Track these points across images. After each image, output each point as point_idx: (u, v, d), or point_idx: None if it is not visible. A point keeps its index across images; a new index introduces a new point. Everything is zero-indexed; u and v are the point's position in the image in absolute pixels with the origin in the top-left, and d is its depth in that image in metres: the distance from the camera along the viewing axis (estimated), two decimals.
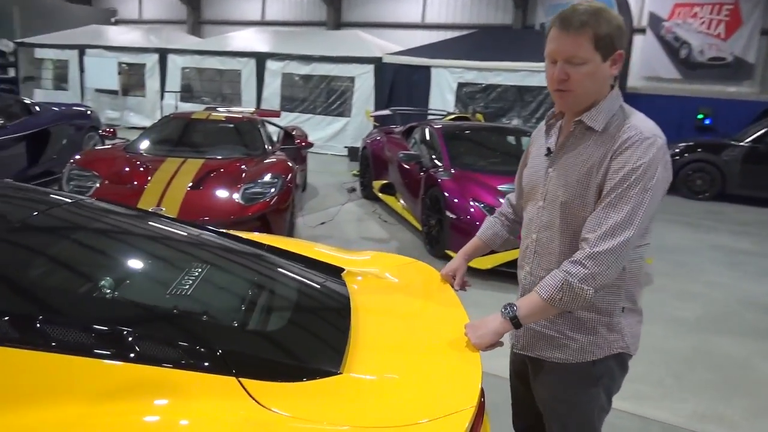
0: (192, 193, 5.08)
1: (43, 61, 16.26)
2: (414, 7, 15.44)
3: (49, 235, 1.68)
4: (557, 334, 1.69)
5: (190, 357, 1.31)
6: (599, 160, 1.56)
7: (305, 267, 2.06)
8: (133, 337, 1.31)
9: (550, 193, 1.68)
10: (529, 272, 1.76)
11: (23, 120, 7.47)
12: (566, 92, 1.57)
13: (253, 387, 1.28)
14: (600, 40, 1.51)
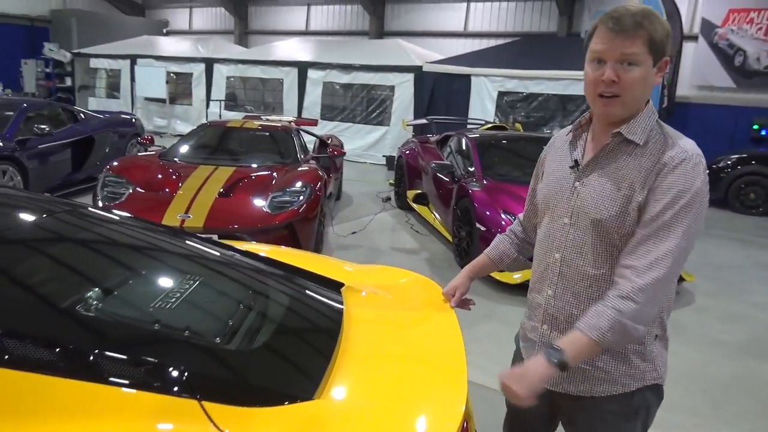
0: (220, 200, 5.11)
1: (98, 70, 16.91)
2: (457, 15, 15.33)
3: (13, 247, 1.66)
4: (588, 366, 1.55)
5: (152, 378, 1.26)
6: (642, 177, 1.44)
7: (302, 282, 2.00)
8: (93, 355, 1.27)
9: (578, 210, 1.55)
10: (552, 296, 1.61)
11: (69, 127, 7.74)
12: (613, 98, 1.44)
13: (216, 411, 1.22)
14: (654, 44, 1.41)
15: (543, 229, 1.67)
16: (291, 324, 1.71)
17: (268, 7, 18.68)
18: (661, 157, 1.43)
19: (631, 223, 1.46)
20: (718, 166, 9.67)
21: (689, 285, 5.36)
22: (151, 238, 2.03)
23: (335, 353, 1.56)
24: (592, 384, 1.56)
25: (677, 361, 3.95)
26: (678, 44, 11.01)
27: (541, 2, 14.17)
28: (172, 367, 1.29)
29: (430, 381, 1.52)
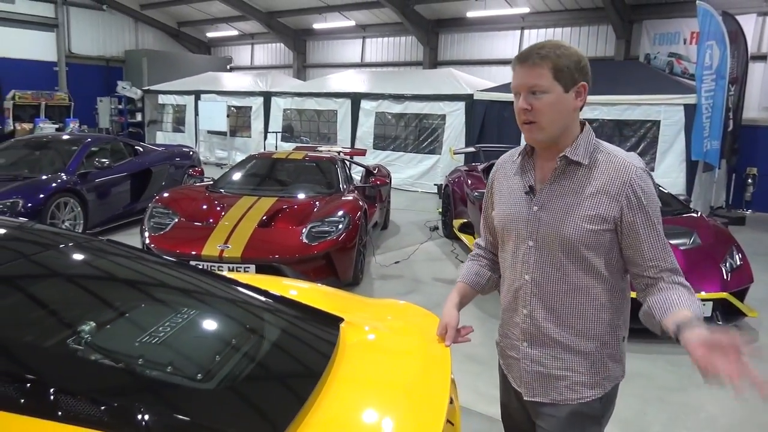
0: (260, 230, 5.19)
1: (165, 106, 17.81)
2: (510, 43, 15.22)
3: None
4: (568, 372, 1.67)
5: (111, 417, 1.24)
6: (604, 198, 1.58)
7: (296, 317, 1.96)
8: (64, 393, 1.27)
9: (543, 232, 1.65)
10: (528, 315, 1.70)
11: (128, 161, 8.13)
12: (532, 124, 1.60)
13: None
14: (559, 71, 1.56)
15: (508, 254, 1.75)
16: (275, 362, 1.67)
17: (325, 41, 19.19)
18: (616, 175, 1.58)
19: (598, 238, 1.59)
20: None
21: (752, 321, 4.96)
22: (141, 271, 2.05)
23: (316, 392, 1.50)
24: (572, 391, 1.66)
25: (732, 406, 3.64)
26: (744, 65, 10.48)
27: (597, 27, 13.87)
28: (132, 409, 1.27)
29: (406, 423, 1.43)
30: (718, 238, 5.21)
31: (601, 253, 1.61)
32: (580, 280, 1.63)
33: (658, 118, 9.66)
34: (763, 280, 6.18)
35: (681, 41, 12.53)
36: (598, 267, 1.62)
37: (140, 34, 21.12)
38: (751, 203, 10.73)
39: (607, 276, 1.63)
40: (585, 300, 1.64)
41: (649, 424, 3.40)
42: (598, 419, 1.70)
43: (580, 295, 1.63)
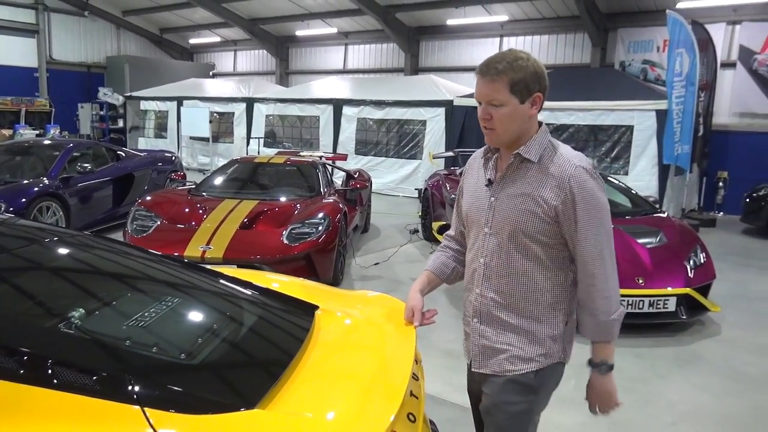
0: (241, 232, 5.31)
1: (147, 112, 17.80)
2: (490, 49, 15.48)
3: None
4: (509, 346, 1.85)
5: (102, 386, 1.37)
6: (546, 190, 1.76)
7: (274, 305, 2.10)
8: (61, 364, 1.40)
9: (496, 220, 1.84)
10: (479, 294, 1.89)
11: (110, 166, 8.20)
12: (491, 130, 1.79)
13: (157, 417, 1.32)
14: (515, 85, 1.72)
15: (471, 239, 1.95)
16: (252, 342, 1.81)
17: (308, 48, 19.34)
18: (558, 172, 1.75)
19: (541, 228, 1.77)
20: (759, 194, 9.36)
21: (715, 316, 5.19)
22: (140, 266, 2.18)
23: (290, 369, 1.64)
24: (511, 363, 1.84)
25: (692, 393, 3.84)
26: (713, 72, 10.82)
27: (574, 35, 14.19)
28: (122, 377, 1.40)
29: (371, 393, 1.58)
30: (683, 237, 5.44)
31: (543, 242, 1.79)
32: (523, 266, 1.81)
33: (631, 123, 9.94)
34: (729, 279, 6.44)
35: (654, 49, 12.88)
36: (539, 255, 1.80)
37: (122, 41, 21.10)
38: (722, 206, 11.04)
39: (548, 263, 1.81)
40: (527, 283, 1.82)
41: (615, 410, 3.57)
42: (533, 389, 1.85)
43: (522, 278, 1.82)
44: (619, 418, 3.51)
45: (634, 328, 4.71)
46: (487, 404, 1.89)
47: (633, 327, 4.74)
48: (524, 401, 1.85)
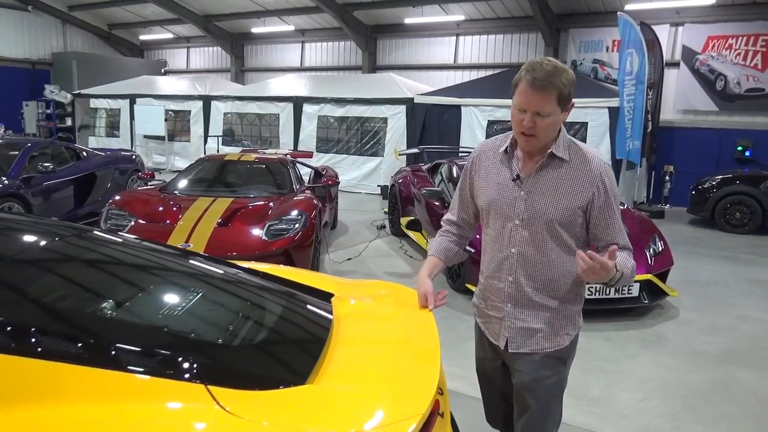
0: (219, 230, 5.33)
1: (97, 110, 17.29)
2: (447, 48, 15.78)
3: (56, 263, 1.88)
4: (545, 325, 2.03)
5: (167, 368, 1.46)
6: (581, 186, 1.95)
7: (295, 293, 2.20)
8: (123, 350, 1.47)
9: (528, 214, 1.98)
10: (513, 281, 2.04)
11: (71, 165, 8.00)
12: (531, 137, 1.91)
13: (220, 394, 1.42)
14: (562, 98, 1.86)
15: (494, 230, 2.08)
16: (286, 326, 1.92)
17: (264, 45, 19.19)
18: (590, 168, 1.95)
19: (574, 219, 1.95)
20: (704, 186, 9.93)
21: (673, 300, 5.54)
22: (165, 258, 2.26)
23: (325, 349, 1.75)
24: (548, 340, 2.03)
25: (659, 370, 4.13)
26: (660, 71, 11.38)
27: (528, 34, 14.62)
28: (184, 359, 1.49)
29: (409, 367, 1.72)
30: (642, 226, 5.78)
31: (573, 231, 1.98)
32: (555, 253, 1.99)
33: (585, 120, 10.38)
34: (681, 266, 6.84)
35: (604, 49, 13.43)
36: (569, 242, 1.99)
37: (69, 37, 20.39)
38: (669, 198, 11.64)
39: (574, 248, 1.99)
40: (558, 268, 2.00)
41: (589, 389, 3.82)
42: (565, 360, 2.09)
43: (554, 264, 2.00)
44: (596, 395, 3.75)
45: (601, 314, 5.00)
46: (526, 381, 2.05)
47: (601, 312, 5.02)
48: (557, 373, 2.06)
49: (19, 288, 1.66)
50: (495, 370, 2.23)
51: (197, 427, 1.36)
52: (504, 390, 2.25)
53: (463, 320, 4.80)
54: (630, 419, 3.47)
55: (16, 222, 2.28)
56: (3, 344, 1.39)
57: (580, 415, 3.46)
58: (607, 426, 3.38)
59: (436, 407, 1.58)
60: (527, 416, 2.08)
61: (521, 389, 2.08)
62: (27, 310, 1.60)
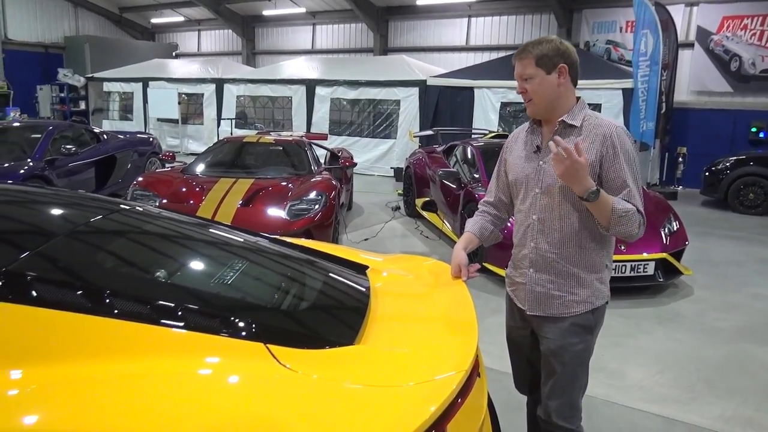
0: (242, 210, 5.45)
1: (111, 93, 17.43)
2: (459, 30, 15.73)
3: (132, 235, 2.02)
4: (563, 292, 2.14)
5: (228, 328, 1.58)
6: (590, 149, 2.04)
7: (333, 264, 2.32)
8: (188, 311, 1.60)
9: (546, 181, 2.11)
10: (534, 247, 2.17)
11: (92, 147, 8.14)
12: (529, 102, 2.11)
13: (278, 351, 1.53)
14: (539, 60, 2.04)
15: (520, 201, 2.23)
16: (330, 292, 2.04)
17: (275, 28, 19.19)
18: (600, 131, 2.05)
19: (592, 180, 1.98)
20: (717, 167, 9.94)
21: (687, 278, 5.63)
22: (215, 231, 2.40)
23: (367, 314, 1.87)
24: (567, 306, 2.13)
25: (674, 346, 4.24)
26: (674, 52, 11.33)
27: (540, 15, 14.56)
28: (243, 320, 1.61)
29: (447, 330, 1.83)
30: (657, 207, 5.85)
31: None
32: (572, 218, 2.09)
33: (599, 101, 10.37)
34: (695, 246, 6.91)
35: (617, 29, 13.35)
36: (585, 207, 2.05)
37: (80, 20, 20.47)
38: (682, 180, 11.66)
39: (591, 216, 2.07)
40: (575, 233, 2.10)
41: (607, 362, 3.94)
42: (591, 329, 2.17)
43: (571, 229, 2.10)
44: (614, 368, 3.87)
45: (617, 291, 5.07)
46: (553, 347, 2.16)
47: (616, 290, 5.08)
48: (583, 341, 2.16)
49: (96, 256, 1.79)
50: (524, 338, 2.34)
51: (259, 379, 1.48)
52: (531, 357, 2.36)
53: (480, 298, 4.92)
54: (647, 390, 3.59)
55: (73, 196, 2.42)
56: (90, 306, 1.52)
57: (599, 387, 3.58)
58: (626, 396, 3.50)
59: (476, 366, 1.69)
60: (553, 381, 2.20)
61: (548, 355, 2.19)
62: (107, 276, 1.73)
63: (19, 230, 1.92)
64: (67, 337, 1.45)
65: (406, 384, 1.50)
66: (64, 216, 2.08)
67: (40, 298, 1.50)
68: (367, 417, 1.38)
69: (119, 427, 1.27)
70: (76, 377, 1.36)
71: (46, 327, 1.44)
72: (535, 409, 2.37)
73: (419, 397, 1.45)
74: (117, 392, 1.36)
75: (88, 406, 1.32)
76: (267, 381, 1.46)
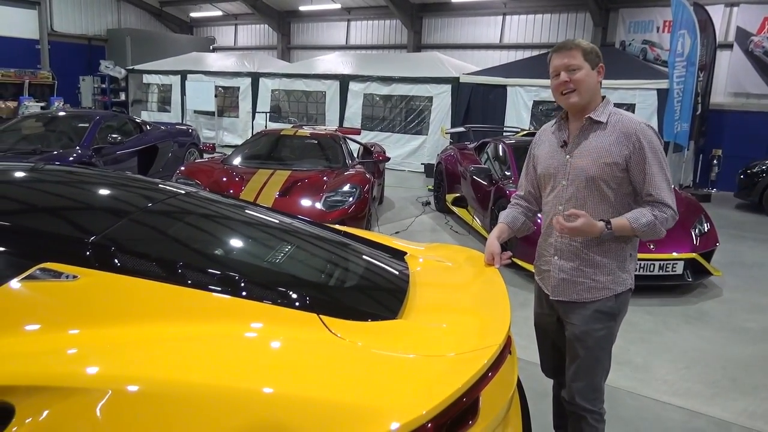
0: (280, 200, 5.66)
1: (150, 85, 17.90)
2: (493, 28, 15.76)
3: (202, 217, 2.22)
4: (586, 279, 2.25)
5: (286, 299, 1.75)
6: (615, 144, 2.16)
7: (375, 249, 2.49)
8: (250, 283, 1.78)
9: (572, 173, 2.24)
10: (559, 236, 2.28)
11: (136, 137, 8.47)
12: (571, 92, 2.18)
13: (330, 322, 1.70)
14: (587, 54, 2.18)
15: (548, 193, 2.36)
16: (374, 273, 2.21)
17: (310, 23, 19.46)
18: (626, 128, 2.16)
19: (614, 175, 2.16)
20: (752, 171, 9.83)
21: (716, 279, 5.65)
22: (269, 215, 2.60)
23: (407, 294, 2.03)
24: (589, 292, 2.25)
25: (701, 343, 4.30)
26: (712, 53, 11.20)
27: (576, 14, 14.49)
28: (299, 293, 1.79)
29: (481, 310, 1.98)
30: (688, 207, 5.88)
31: (614, 187, 2.18)
32: (596, 208, 2.20)
33: (633, 101, 10.34)
34: (726, 249, 6.90)
35: (654, 29, 13.23)
36: (611, 197, 2.20)
37: (122, 13, 21.05)
38: (716, 182, 11.53)
39: (616, 205, 2.20)
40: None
41: (633, 357, 4.03)
42: (614, 316, 2.27)
43: (595, 218, 2.16)
44: (639, 362, 3.96)
45: (645, 289, 5.16)
46: (577, 332, 2.28)
47: (644, 288, 5.18)
48: (606, 327, 2.26)
49: (166, 234, 2.00)
50: (550, 325, 2.46)
51: (313, 344, 1.65)
52: (557, 342, 2.50)
53: (509, 291, 5.02)
54: (671, 384, 3.67)
55: (147, 181, 2.65)
56: (162, 275, 1.71)
57: (624, 380, 3.68)
58: (650, 389, 3.59)
59: (508, 344, 1.84)
60: (577, 364, 2.32)
61: (573, 340, 2.32)
62: (177, 251, 1.93)
63: (98, 207, 2.14)
64: (156, 302, 1.64)
65: (445, 354, 1.66)
66: (137, 197, 2.30)
67: (122, 266, 1.70)
68: (407, 380, 1.54)
69: (204, 377, 1.45)
70: (161, 335, 1.55)
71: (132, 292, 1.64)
72: (560, 392, 2.51)
73: (456, 366, 1.61)
74: (192, 349, 1.55)
75: (168, 359, 1.50)
76: (319, 345, 1.63)
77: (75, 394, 1.41)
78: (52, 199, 2.18)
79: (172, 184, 2.62)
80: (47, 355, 1.48)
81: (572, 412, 2.39)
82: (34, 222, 1.92)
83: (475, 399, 1.56)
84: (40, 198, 2.17)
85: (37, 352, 1.48)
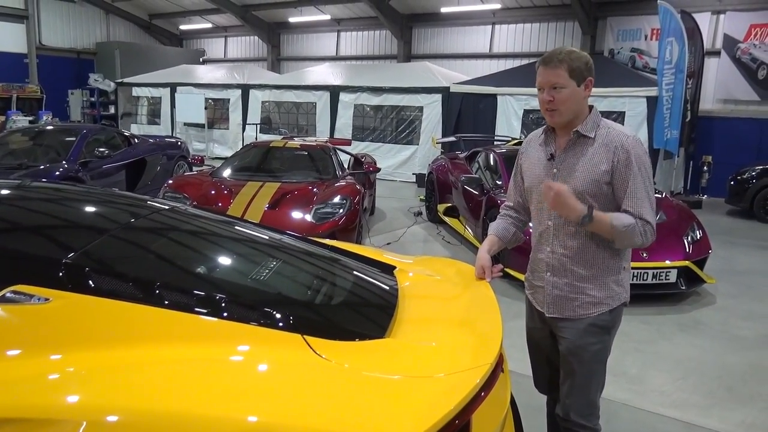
0: (269, 212, 5.60)
1: (139, 98, 17.82)
2: (482, 37, 15.80)
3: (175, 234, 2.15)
4: (580, 294, 2.20)
5: (269, 319, 1.69)
6: (603, 158, 2.11)
7: (363, 264, 2.42)
8: (232, 303, 1.72)
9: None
10: (551, 251, 2.24)
11: (124, 150, 8.38)
12: (553, 111, 2.12)
13: (315, 343, 1.64)
14: (573, 71, 2.07)
15: (535, 206, 2.32)
16: (362, 289, 2.15)
17: (300, 35, 19.46)
18: (613, 141, 2.10)
19: (600, 189, 2.10)
20: (743, 177, 9.85)
21: (710, 287, 5.62)
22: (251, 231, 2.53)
23: (396, 311, 1.97)
24: (584, 308, 2.20)
25: (696, 352, 4.26)
26: (700, 60, 11.26)
27: (564, 23, 14.56)
28: (282, 313, 1.72)
29: (472, 327, 1.93)
30: (680, 215, 5.86)
31: (601, 201, 2.12)
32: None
33: (623, 109, 10.37)
34: (719, 255, 6.88)
35: (642, 37, 13.31)
36: None
37: (111, 27, 21.01)
38: (707, 189, 11.55)
39: None
40: (591, 237, 2.15)
41: (628, 368, 3.98)
42: (608, 329, 2.22)
43: (587, 233, 2.14)
44: (635, 373, 3.91)
45: (639, 298, 5.09)
46: (571, 347, 2.22)
47: (638, 297, 5.10)
48: (600, 341, 2.21)
49: (147, 252, 1.93)
50: (543, 339, 2.40)
51: (296, 366, 1.58)
52: (551, 357, 2.44)
53: (502, 302, 4.92)
54: (667, 395, 3.62)
55: (123, 196, 2.58)
56: (139, 296, 1.64)
57: (620, 391, 3.62)
58: (646, 401, 3.54)
59: (500, 362, 1.78)
60: (572, 379, 2.27)
61: (567, 355, 2.26)
62: (156, 270, 1.86)
63: (75, 225, 2.07)
64: (133, 325, 1.57)
65: (435, 375, 1.60)
66: (117, 214, 2.23)
67: (96, 288, 1.63)
68: (397, 404, 1.48)
69: (186, 405, 1.38)
70: (138, 360, 1.48)
71: (106, 315, 1.57)
72: (555, 408, 2.44)
73: (446, 387, 1.54)
74: (172, 374, 1.48)
75: (147, 386, 1.43)
76: (303, 368, 1.56)
77: (45, 426, 1.34)
78: (28, 217, 2.11)
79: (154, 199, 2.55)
80: (16, 384, 1.40)
81: (567, 428, 2.33)
82: (7, 242, 1.85)
83: (467, 421, 1.50)
84: (15, 216, 2.10)
85: (5, 381, 1.41)
